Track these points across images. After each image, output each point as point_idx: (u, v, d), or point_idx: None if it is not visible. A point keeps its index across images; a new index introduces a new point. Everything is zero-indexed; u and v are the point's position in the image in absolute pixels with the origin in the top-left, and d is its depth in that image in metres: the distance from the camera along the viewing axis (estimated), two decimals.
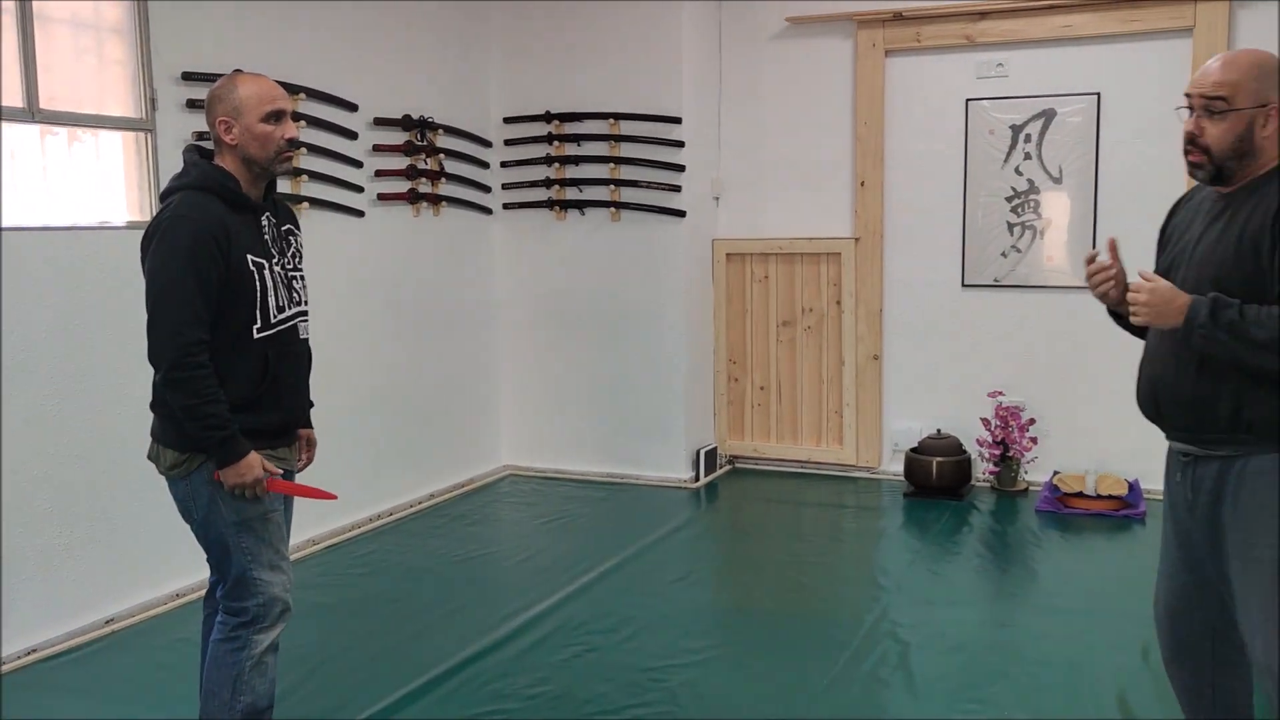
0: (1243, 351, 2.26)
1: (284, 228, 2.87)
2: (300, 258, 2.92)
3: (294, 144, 2.78)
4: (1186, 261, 2.44)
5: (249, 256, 2.69)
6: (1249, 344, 2.25)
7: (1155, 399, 2.48)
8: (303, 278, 2.90)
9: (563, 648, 3.84)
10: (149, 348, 2.62)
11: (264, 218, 2.78)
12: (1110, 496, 5.32)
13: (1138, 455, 5.59)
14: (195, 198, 2.65)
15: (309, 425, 3.01)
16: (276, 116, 2.71)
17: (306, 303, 2.90)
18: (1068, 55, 5.55)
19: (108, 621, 4.06)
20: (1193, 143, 2.38)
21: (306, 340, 2.89)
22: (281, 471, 2.79)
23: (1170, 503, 2.55)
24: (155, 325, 2.61)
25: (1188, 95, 2.40)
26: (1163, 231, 2.63)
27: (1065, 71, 5.58)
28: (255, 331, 2.71)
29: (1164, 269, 2.51)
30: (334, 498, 2.90)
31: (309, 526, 4.94)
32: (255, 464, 2.67)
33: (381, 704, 3.43)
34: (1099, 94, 5.50)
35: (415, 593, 4.43)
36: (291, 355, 2.82)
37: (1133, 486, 5.39)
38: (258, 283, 2.70)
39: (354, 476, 5.22)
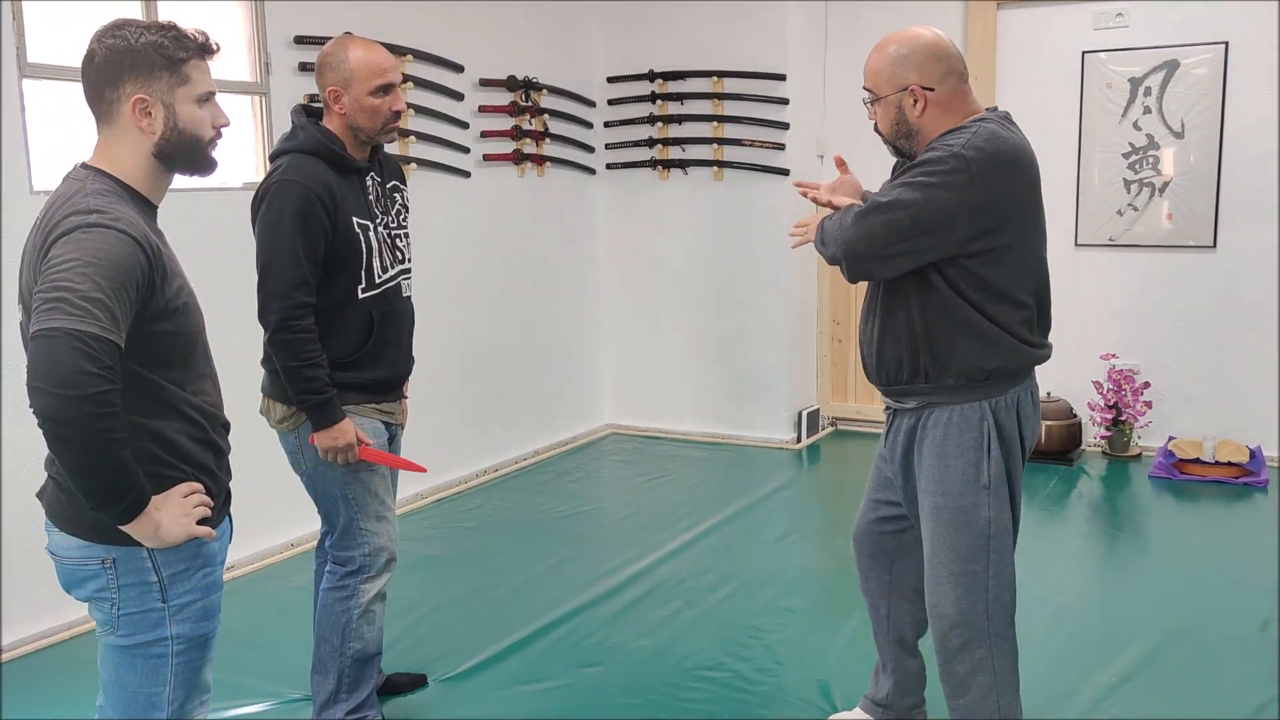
0: None
1: (390, 184, 2.92)
2: (406, 213, 2.96)
3: (399, 114, 2.82)
4: None
5: (354, 219, 2.74)
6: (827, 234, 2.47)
7: (863, 360, 2.67)
8: (406, 235, 2.95)
9: (664, 603, 3.89)
10: (259, 307, 2.70)
11: (369, 178, 2.84)
12: (1230, 463, 5.13)
13: (1260, 421, 5.40)
14: (302, 161, 2.70)
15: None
16: (386, 89, 2.75)
17: (410, 260, 2.95)
18: (1193, 3, 5.31)
19: (228, 569, 4.24)
20: (876, 129, 2.55)
21: (409, 298, 2.95)
22: (373, 443, 2.83)
23: (880, 447, 2.75)
24: (263, 286, 2.68)
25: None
26: None
27: (1190, 20, 5.33)
28: (360, 292, 2.77)
29: None
30: (424, 470, 2.95)
31: (416, 481, 5.07)
32: (348, 430, 2.73)
33: (487, 653, 3.52)
34: (1226, 43, 5.25)
35: (520, 547, 4.52)
36: (395, 313, 2.88)
37: (1254, 453, 5.20)
38: (363, 245, 2.75)
39: (459, 433, 5.33)
